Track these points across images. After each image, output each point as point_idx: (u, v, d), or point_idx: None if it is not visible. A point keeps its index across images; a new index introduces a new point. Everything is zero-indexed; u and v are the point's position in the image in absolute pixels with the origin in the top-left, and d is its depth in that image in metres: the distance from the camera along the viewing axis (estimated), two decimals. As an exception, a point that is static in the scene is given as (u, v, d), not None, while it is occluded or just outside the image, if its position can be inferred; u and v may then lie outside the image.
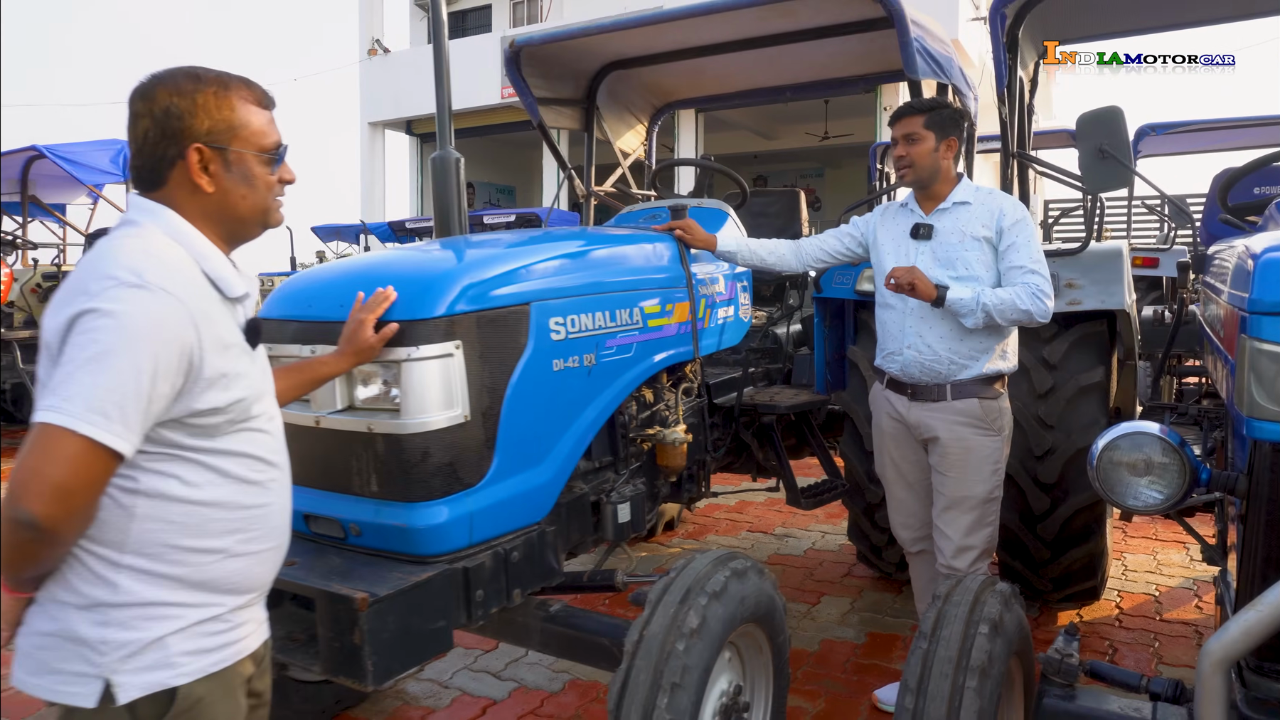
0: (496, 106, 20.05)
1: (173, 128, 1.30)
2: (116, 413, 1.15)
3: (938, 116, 2.59)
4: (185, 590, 1.29)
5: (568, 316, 2.21)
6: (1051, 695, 1.75)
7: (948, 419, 2.61)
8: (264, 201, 1.39)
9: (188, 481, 1.28)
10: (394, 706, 2.97)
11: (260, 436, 1.38)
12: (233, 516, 1.33)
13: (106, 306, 1.17)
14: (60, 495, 1.14)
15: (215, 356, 1.26)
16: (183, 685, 1.28)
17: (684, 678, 1.79)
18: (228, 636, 1.35)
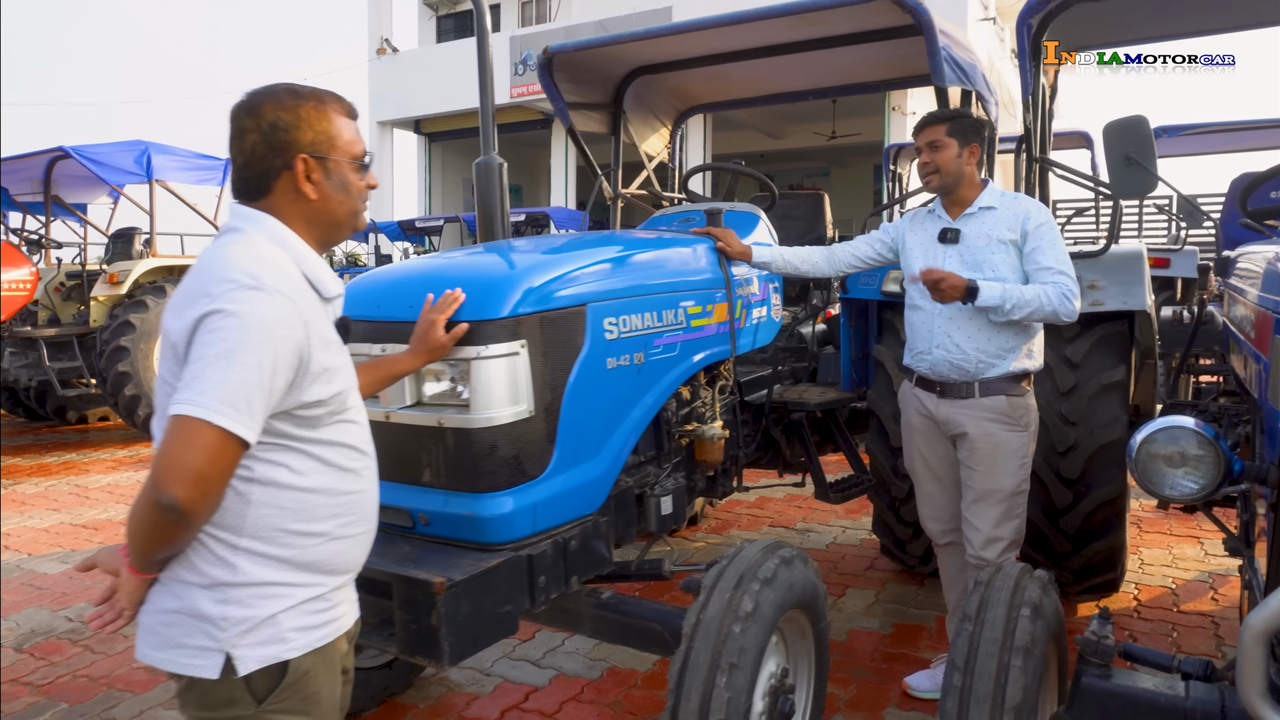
0: (504, 106, 20.16)
1: (279, 140, 1.41)
2: (244, 404, 1.26)
3: (959, 125, 2.72)
4: (294, 571, 1.40)
5: (620, 317, 2.32)
6: (1089, 675, 1.85)
7: (976, 415, 2.70)
8: (356, 205, 1.50)
9: (295, 470, 1.39)
10: (440, 693, 3.08)
11: (353, 427, 1.49)
12: (333, 502, 1.43)
13: (230, 307, 1.28)
14: (198, 481, 1.25)
15: (320, 352, 1.37)
16: (294, 659, 1.39)
17: (740, 658, 1.90)
18: (329, 614, 1.46)
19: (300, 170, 1.42)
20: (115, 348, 7.30)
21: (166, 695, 3.11)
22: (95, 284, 7.72)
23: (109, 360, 7.31)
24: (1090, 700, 1.84)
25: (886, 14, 3.35)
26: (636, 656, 3.31)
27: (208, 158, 8.09)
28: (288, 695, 1.40)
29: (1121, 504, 3.31)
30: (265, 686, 1.38)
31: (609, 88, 4.37)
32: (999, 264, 2.66)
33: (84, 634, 3.69)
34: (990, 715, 1.70)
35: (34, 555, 4.79)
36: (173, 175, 7.81)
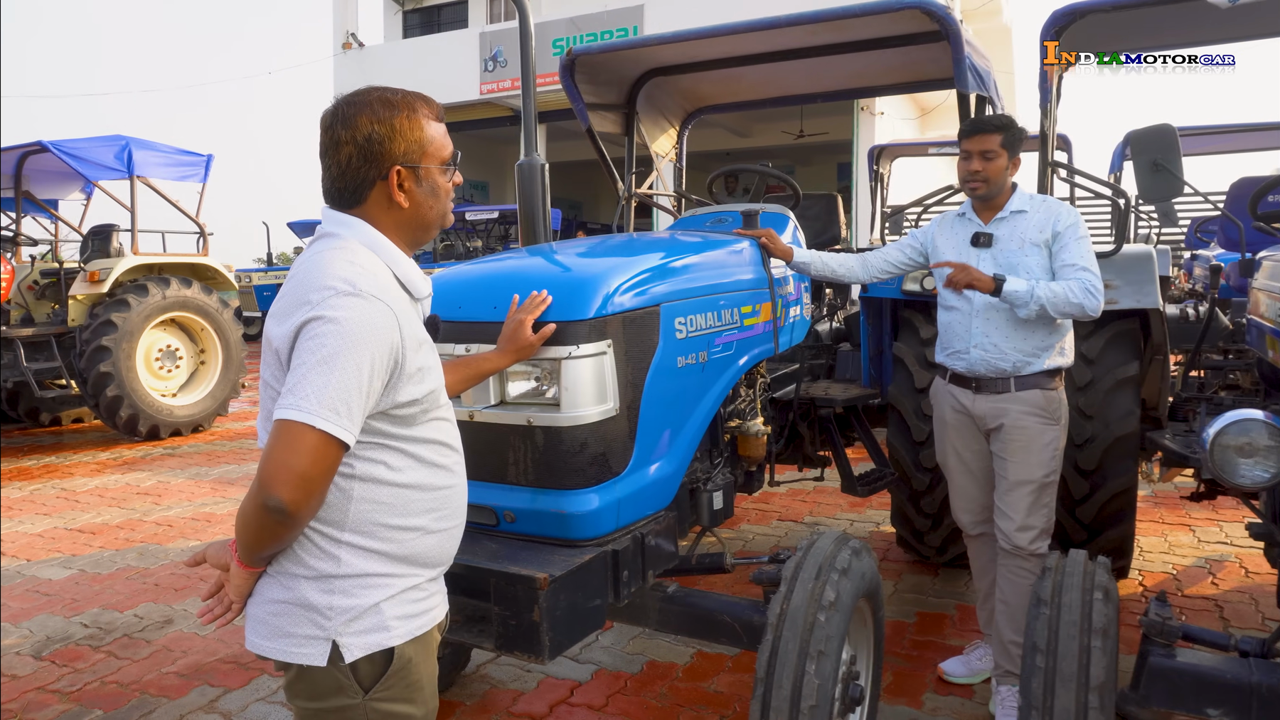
0: (473, 103, 20.05)
1: (374, 152, 1.44)
2: (344, 408, 1.30)
3: (1011, 137, 2.78)
4: (393, 563, 1.44)
5: (688, 316, 2.38)
6: (1156, 655, 1.97)
7: (1012, 408, 2.78)
8: (445, 207, 1.54)
9: (393, 467, 1.43)
10: (484, 690, 3.11)
11: (445, 425, 1.53)
12: (428, 497, 1.48)
13: (330, 314, 1.31)
14: (303, 483, 1.29)
15: (413, 353, 1.41)
16: (398, 645, 1.44)
17: (827, 646, 1.97)
18: (426, 604, 1.50)
19: (394, 181, 1.45)
20: (97, 348, 7.14)
21: (203, 700, 3.09)
22: (73, 282, 7.53)
23: (90, 361, 7.15)
24: (1159, 679, 1.95)
25: (910, 21, 3.45)
26: (673, 649, 3.37)
27: (189, 154, 7.94)
28: (393, 683, 1.44)
29: (1133, 494, 3.46)
30: (371, 675, 1.42)
31: (624, 89, 4.41)
32: (1032, 266, 2.74)
33: (104, 640, 3.64)
34: (1076, 695, 1.79)
35: (33, 561, 4.69)
36: (154, 171, 7.65)
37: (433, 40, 20.90)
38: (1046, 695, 1.82)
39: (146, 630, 3.74)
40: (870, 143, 17.37)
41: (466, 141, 24.23)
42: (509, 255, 2.49)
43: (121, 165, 7.40)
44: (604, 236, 3.07)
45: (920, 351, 3.67)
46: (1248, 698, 1.85)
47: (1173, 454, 3.03)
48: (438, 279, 2.29)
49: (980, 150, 2.77)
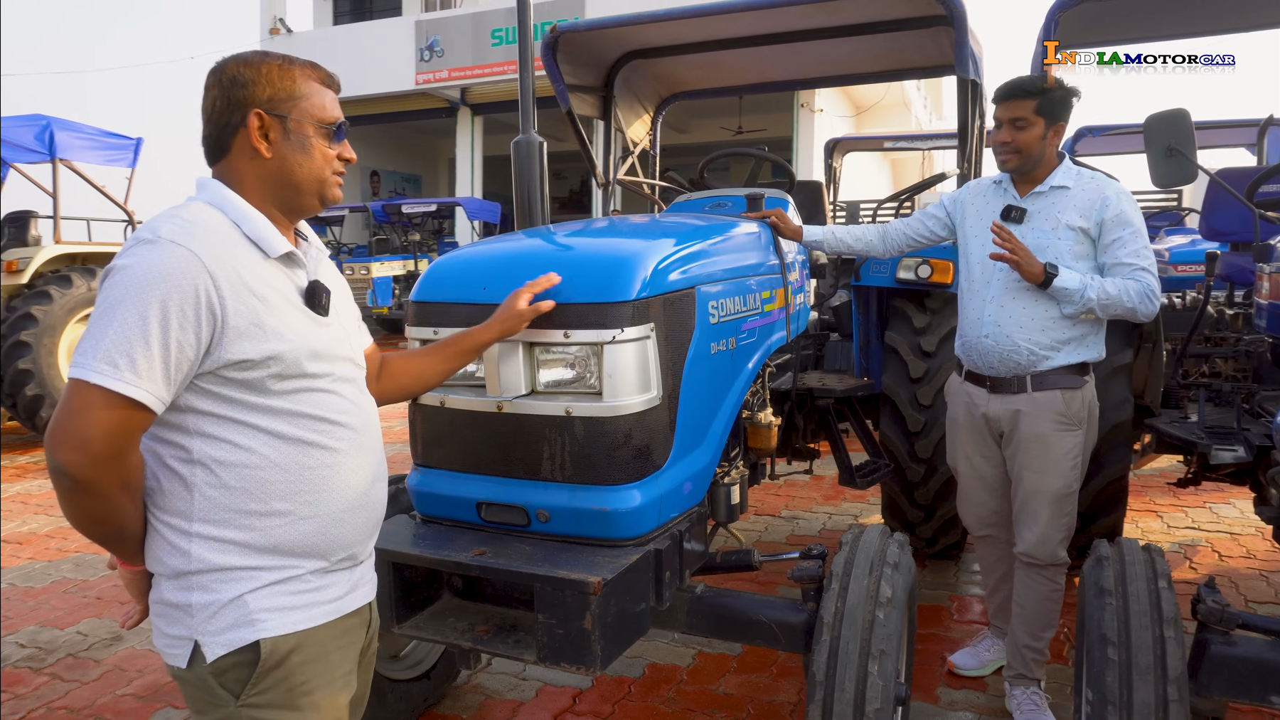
0: (408, 93, 19.52)
1: (237, 96, 1.36)
2: (124, 360, 1.18)
3: (1049, 101, 2.44)
4: (256, 554, 1.32)
5: (720, 300, 2.25)
6: (1216, 643, 1.92)
7: (1027, 412, 2.55)
8: (320, 172, 1.42)
9: (240, 445, 1.30)
10: (479, 701, 2.92)
11: (326, 397, 1.38)
12: (293, 479, 1.34)
13: (119, 264, 1.24)
14: (80, 443, 1.18)
15: (243, 306, 1.27)
16: (265, 639, 1.31)
17: (888, 644, 1.87)
18: (313, 597, 1.37)
19: (254, 126, 1.36)
20: (15, 343, 6.62)
21: (170, 721, 2.83)
22: (-13, 273, 6.98)
23: (7, 356, 6.63)
24: (1220, 667, 1.91)
25: (909, 4, 3.40)
26: (673, 651, 3.24)
27: (117, 136, 7.44)
28: (268, 685, 1.32)
29: (1125, 481, 3.48)
30: (239, 678, 1.31)
31: (602, 71, 4.26)
32: (1063, 251, 2.47)
33: (46, 661, 3.32)
34: (1154, 688, 1.73)
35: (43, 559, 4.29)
36: (78, 154, 7.14)
37: (365, 27, 20.27)
38: (1123, 689, 1.75)
39: (93, 649, 3.42)
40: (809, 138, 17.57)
41: (400, 133, 23.61)
42: (528, 236, 2.32)
43: (42, 147, 6.88)
44: (610, 218, 2.91)
45: (915, 341, 3.61)
46: (1314, 685, 1.82)
47: (1173, 439, 3.04)
48: (455, 259, 2.11)
49: (1011, 118, 2.47)
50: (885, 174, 23.39)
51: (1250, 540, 4.31)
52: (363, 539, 1.46)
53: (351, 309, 1.55)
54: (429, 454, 2.10)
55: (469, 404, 1.99)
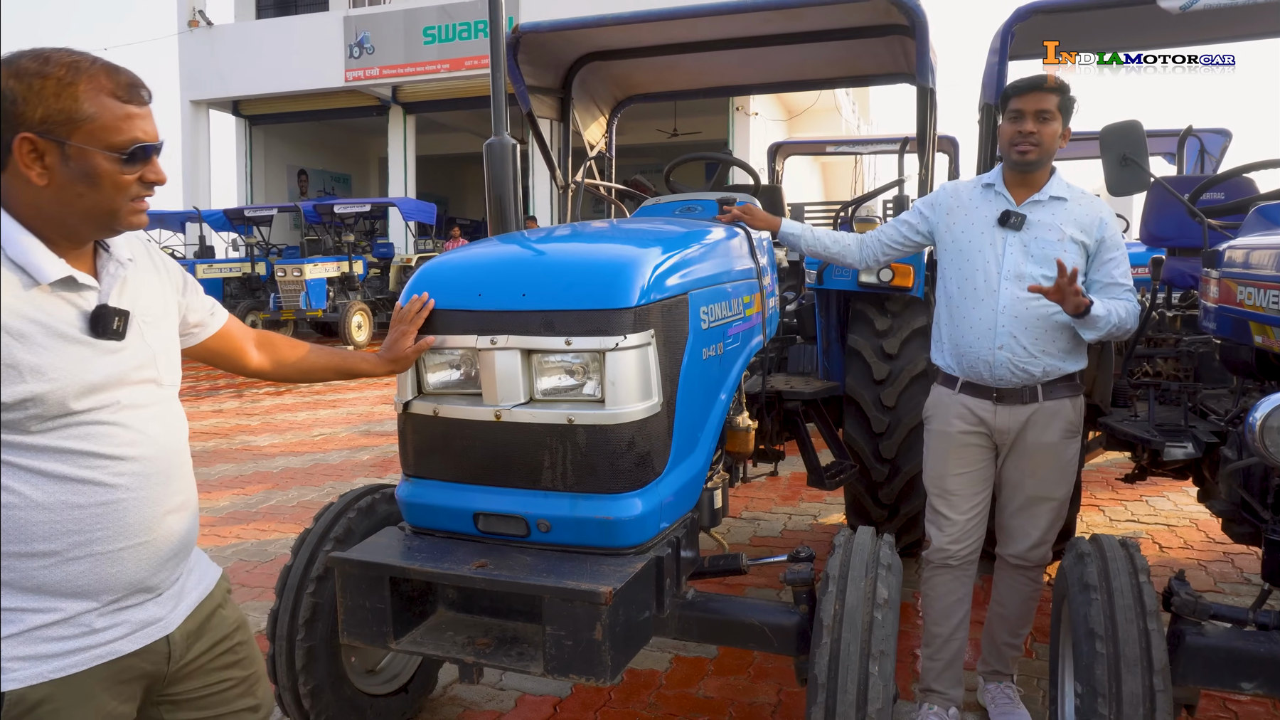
0: (336, 90, 19.06)
1: (6, 112, 1.20)
2: None
3: (1067, 100, 2.44)
4: (18, 595, 1.25)
5: (710, 305, 2.25)
6: (1190, 634, 2.01)
7: (1037, 422, 2.49)
8: (109, 203, 1.28)
9: (2, 489, 1.22)
10: (457, 714, 2.87)
11: (104, 430, 1.29)
12: (61, 519, 1.26)
13: None
14: None
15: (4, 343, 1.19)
16: (11, 690, 1.22)
17: (887, 645, 1.90)
18: (79, 642, 1.29)
19: (23, 151, 1.21)
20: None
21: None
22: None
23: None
24: (1195, 656, 1.99)
25: (871, 13, 3.46)
26: (648, 655, 3.23)
27: None
28: None
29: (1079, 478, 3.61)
30: None
31: (559, 73, 4.24)
32: (1069, 263, 2.35)
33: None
34: (1142, 679, 1.80)
35: None
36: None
37: (289, 22, 19.72)
38: (1111, 681, 1.81)
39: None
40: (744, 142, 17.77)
41: (328, 132, 23.03)
42: (520, 240, 2.28)
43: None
44: (586, 223, 2.89)
45: (877, 343, 3.69)
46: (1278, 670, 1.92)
47: (1128, 437, 3.17)
48: (446, 262, 2.06)
49: (1036, 110, 2.39)
50: (816, 178, 23.83)
51: (1186, 532, 4.53)
52: (152, 572, 1.36)
53: (171, 325, 1.46)
54: (421, 464, 2.05)
55: (465, 413, 1.95)
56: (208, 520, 5.06)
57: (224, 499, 5.51)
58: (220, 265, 15.57)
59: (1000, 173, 2.57)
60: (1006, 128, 2.48)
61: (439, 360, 2.00)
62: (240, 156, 20.98)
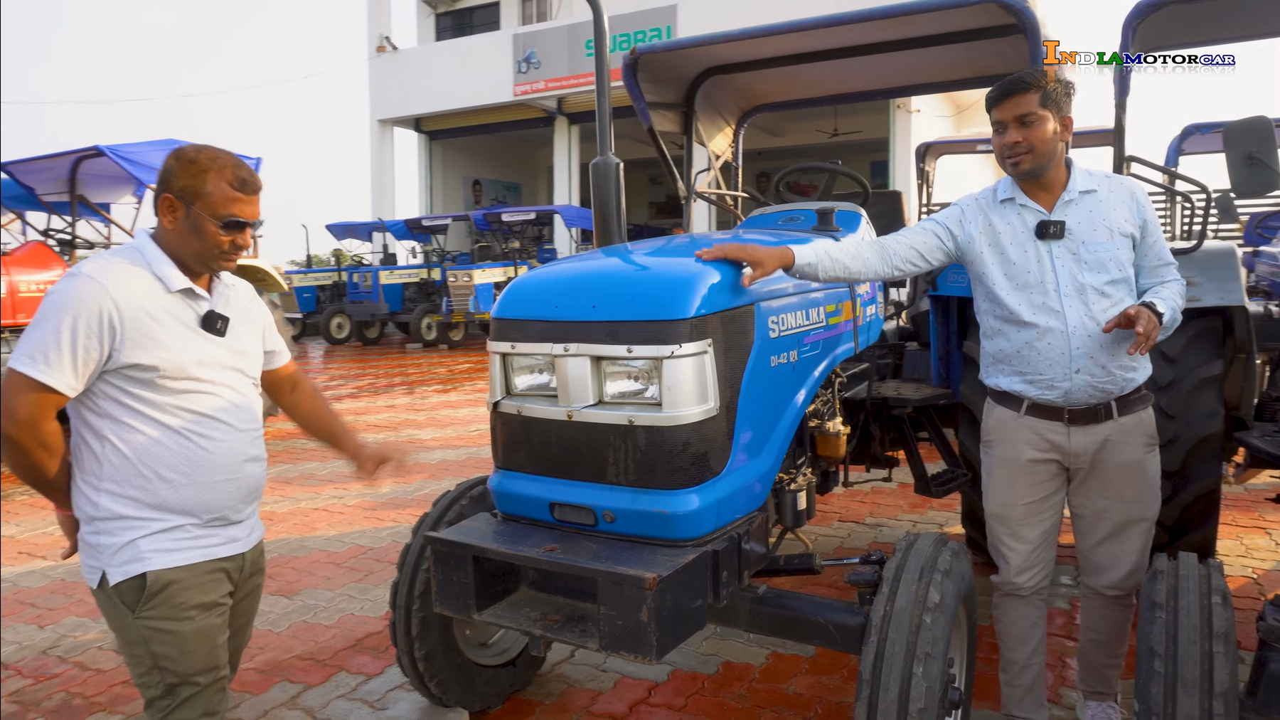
0: (506, 104, 20.16)
1: (164, 178, 1.85)
2: (42, 357, 1.70)
3: (1049, 93, 2.24)
4: (147, 509, 1.82)
5: (780, 315, 2.36)
6: (1276, 661, 1.92)
7: (1115, 440, 2.36)
8: (206, 251, 1.86)
9: (138, 430, 1.80)
10: (561, 689, 3.11)
11: (205, 398, 1.87)
12: (175, 456, 1.83)
13: (52, 289, 1.76)
14: (8, 413, 1.70)
15: (138, 324, 1.76)
16: (151, 571, 1.80)
17: (934, 648, 1.94)
18: (193, 544, 1.86)
19: (162, 204, 1.85)
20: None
21: (284, 696, 3.12)
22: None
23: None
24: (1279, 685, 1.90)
25: (983, 15, 3.41)
26: (747, 650, 3.36)
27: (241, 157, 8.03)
28: (155, 604, 1.81)
29: (1217, 496, 3.38)
30: (133, 598, 1.80)
31: (683, 88, 4.41)
32: (1124, 261, 2.30)
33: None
34: (1199, 702, 1.75)
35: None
36: (207, 175, 7.77)
37: (465, 42, 21.07)
38: (1168, 702, 1.78)
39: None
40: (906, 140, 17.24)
41: (500, 143, 24.38)
42: (599, 254, 2.49)
43: (175, 169, 7.51)
44: (679, 236, 3.05)
45: (993, 351, 3.61)
46: (1375, 705, 1.80)
47: (1263, 454, 2.96)
48: (532, 278, 2.29)
49: (1016, 116, 2.24)
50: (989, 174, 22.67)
51: (1359, 561, 4.10)
52: (234, 504, 1.93)
53: (256, 337, 2.05)
54: (508, 458, 2.30)
55: (543, 412, 2.17)
56: (370, 505, 5.64)
57: (385, 486, 6.09)
58: (400, 271, 16.88)
59: (1013, 184, 2.40)
60: (995, 141, 2.34)
61: (523, 364, 2.24)
62: (421, 169, 22.60)
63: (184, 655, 1.83)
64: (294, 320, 17.57)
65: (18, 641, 3.66)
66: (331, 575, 4.34)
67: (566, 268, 2.33)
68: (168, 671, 1.83)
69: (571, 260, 2.43)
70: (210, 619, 1.88)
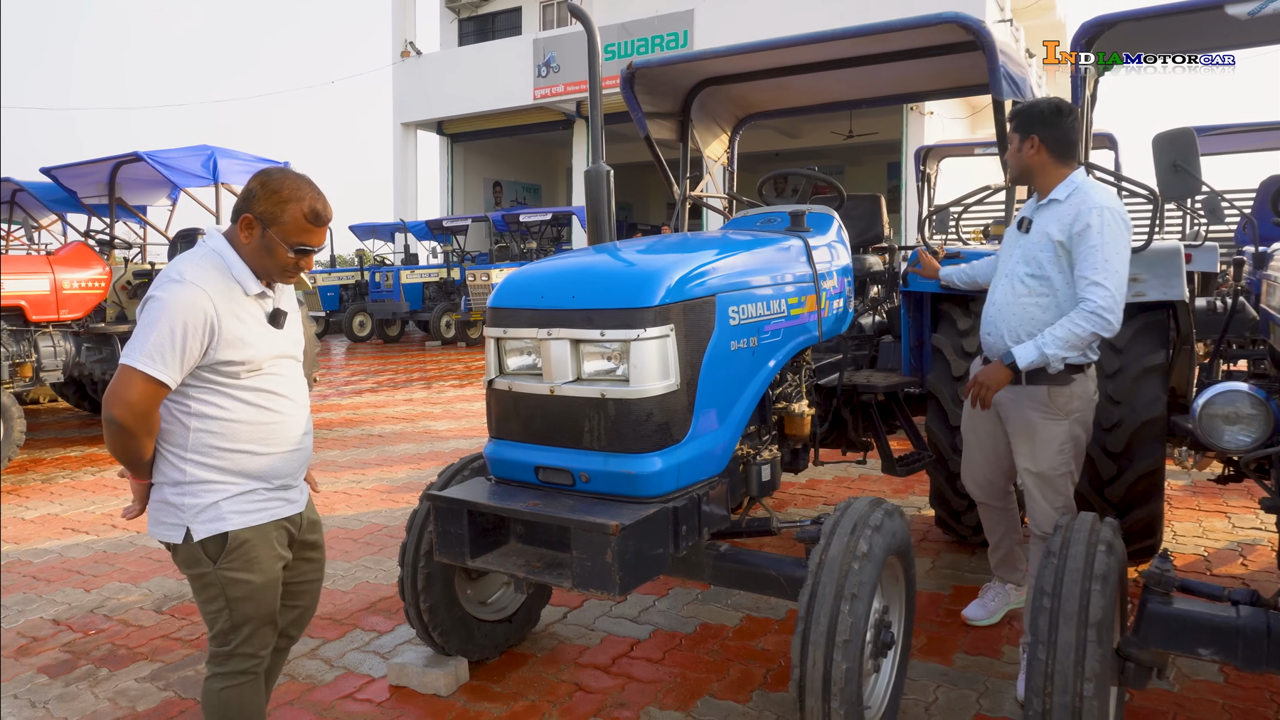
0: (526, 108, 20.57)
1: (247, 197, 2.11)
2: (158, 356, 1.96)
3: (1019, 119, 2.83)
4: (227, 475, 2.11)
5: (740, 306, 2.69)
6: (1154, 601, 2.22)
7: (1017, 400, 2.90)
8: (274, 268, 2.14)
9: (221, 407, 2.09)
10: (553, 645, 3.45)
11: (275, 379, 2.17)
12: (254, 429, 2.13)
13: (159, 295, 2.01)
14: (125, 405, 1.97)
15: (231, 326, 2.04)
16: (231, 530, 2.11)
17: (860, 590, 2.26)
18: (262, 505, 2.17)
19: (243, 222, 2.10)
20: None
21: (305, 649, 3.48)
22: (164, 282, 8.09)
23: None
24: (1155, 623, 2.20)
25: (947, 33, 3.71)
26: (724, 613, 3.68)
27: (268, 161, 8.47)
28: (234, 558, 2.11)
29: (1159, 476, 3.66)
30: (216, 551, 2.10)
31: (679, 98, 4.73)
32: (1045, 262, 2.76)
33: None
34: (1077, 631, 2.05)
35: (142, 532, 5.18)
36: (236, 178, 8.18)
37: (488, 47, 21.50)
38: (1051, 631, 2.08)
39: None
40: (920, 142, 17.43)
41: (520, 146, 24.81)
42: (582, 252, 2.83)
43: (207, 173, 7.94)
44: (663, 236, 3.39)
45: (958, 342, 3.91)
46: (1233, 638, 2.10)
47: (1185, 434, 3.23)
48: (522, 273, 2.64)
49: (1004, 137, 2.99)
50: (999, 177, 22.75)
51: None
52: (295, 471, 2.24)
53: (299, 324, 2.30)
54: (500, 428, 2.64)
55: (530, 388, 2.51)
56: (386, 488, 6.01)
57: (401, 472, 6.47)
58: (421, 271, 17.33)
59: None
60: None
61: (513, 347, 2.58)
62: (443, 171, 23.07)
63: (252, 600, 2.14)
64: (318, 318, 18.07)
65: (67, 602, 4.05)
66: (349, 549, 4.71)
67: (552, 264, 2.67)
68: (236, 612, 2.14)
69: (558, 257, 2.77)
70: (276, 570, 2.20)
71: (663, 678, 3.13)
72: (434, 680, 3.03)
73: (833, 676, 2.15)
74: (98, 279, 7.78)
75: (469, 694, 3.04)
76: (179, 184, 7.99)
